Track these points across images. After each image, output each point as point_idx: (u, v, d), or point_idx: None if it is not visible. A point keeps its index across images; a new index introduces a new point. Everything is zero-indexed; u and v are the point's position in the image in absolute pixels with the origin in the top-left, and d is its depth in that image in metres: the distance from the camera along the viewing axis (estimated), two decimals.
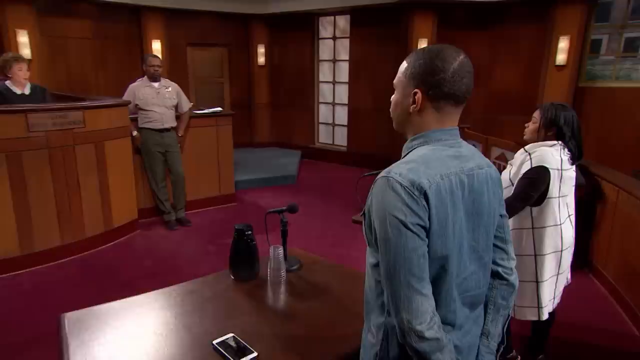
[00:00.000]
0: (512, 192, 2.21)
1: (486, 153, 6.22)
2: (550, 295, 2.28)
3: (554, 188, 2.13)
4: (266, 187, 6.52)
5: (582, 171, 3.49)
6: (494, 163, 6.09)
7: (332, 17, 7.93)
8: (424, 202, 0.97)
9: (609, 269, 3.51)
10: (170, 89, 4.62)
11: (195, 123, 5.06)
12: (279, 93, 8.76)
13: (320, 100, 8.45)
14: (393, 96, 1.16)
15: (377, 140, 7.53)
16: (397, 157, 1.10)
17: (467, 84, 1.07)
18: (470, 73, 1.08)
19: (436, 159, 1.04)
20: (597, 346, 2.88)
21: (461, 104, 1.10)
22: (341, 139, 8.26)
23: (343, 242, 4.55)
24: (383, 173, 1.03)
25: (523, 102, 6.76)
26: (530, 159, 2.16)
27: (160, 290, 1.72)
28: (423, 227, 0.97)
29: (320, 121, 8.57)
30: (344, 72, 7.96)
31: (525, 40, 6.62)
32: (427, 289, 0.98)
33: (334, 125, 8.39)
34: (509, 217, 2.18)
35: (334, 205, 5.76)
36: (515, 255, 2.20)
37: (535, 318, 2.29)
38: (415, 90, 1.06)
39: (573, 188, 2.25)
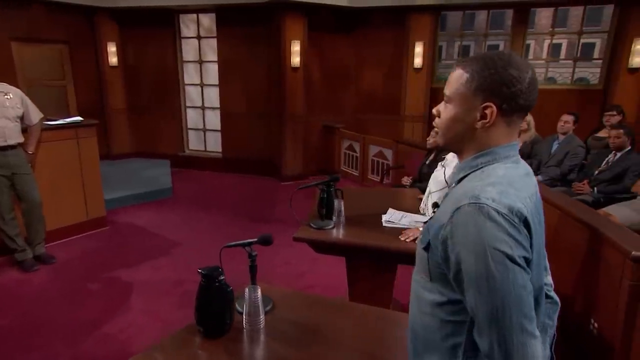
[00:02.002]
0: None
1: (364, 151, 6.56)
2: None
3: None
4: (140, 204, 5.75)
5: None
6: (373, 161, 6.47)
7: (195, 15, 7.38)
8: (525, 231, 0.87)
9: None
10: (11, 95, 3.67)
11: (49, 137, 4.13)
12: (138, 97, 7.81)
13: (188, 104, 7.82)
14: (445, 110, 1.02)
15: (254, 145, 7.31)
16: (276, 161, 0.95)
17: (537, 92, 0.99)
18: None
19: (518, 179, 0.95)
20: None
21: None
22: (214, 144, 7.78)
23: (289, 263, 4.12)
24: (467, 199, 0.89)
25: (388, 102, 7.33)
26: None
27: None
28: (526, 259, 0.87)
29: (189, 127, 7.93)
30: (212, 73, 7.50)
31: (387, 44, 7.16)
32: (537, 330, 0.87)
33: (205, 130, 7.85)
34: None
35: (240, 219, 5.34)
36: None
37: None
38: (487, 104, 0.95)
39: None
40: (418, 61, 6.84)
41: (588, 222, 2.61)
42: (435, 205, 1.12)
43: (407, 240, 2.19)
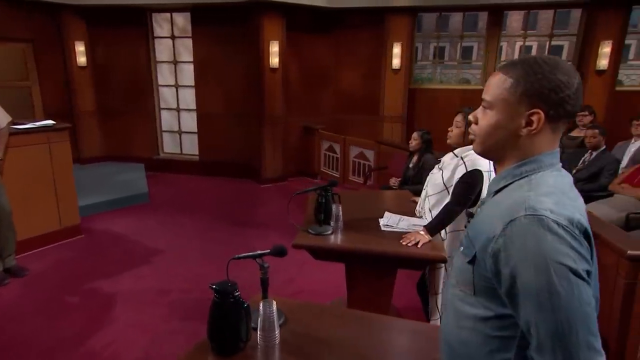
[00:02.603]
0: (451, 197, 2.29)
1: (345, 152, 6.55)
2: None
3: (485, 189, 2.29)
4: (115, 210, 5.53)
5: None
6: (354, 162, 6.46)
7: (169, 14, 7.17)
8: (586, 243, 0.84)
9: None
10: None
11: (19, 141, 3.90)
12: (109, 99, 7.52)
13: (162, 105, 7.59)
14: (486, 116, 0.99)
15: (232, 147, 7.17)
16: (254, 163, 0.90)
17: (582, 98, 0.96)
18: None
19: (569, 188, 0.92)
20: None
21: None
22: (190, 147, 7.59)
23: (277, 269, 3.85)
24: (522, 210, 0.85)
25: (366, 102, 7.35)
26: (464, 163, 2.27)
27: None
28: (588, 272, 0.84)
29: (164, 129, 7.69)
30: (187, 74, 7.30)
31: (365, 45, 7.17)
32: (601, 347, 0.84)
33: (180, 132, 7.64)
34: (451, 222, 2.26)
35: (222, 223, 5.19)
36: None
37: None
38: (535, 110, 0.91)
39: None
40: (396, 62, 6.88)
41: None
42: (470, 215, 1.08)
43: (409, 244, 2.17)
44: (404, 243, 2.19)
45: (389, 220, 2.50)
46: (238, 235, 4.82)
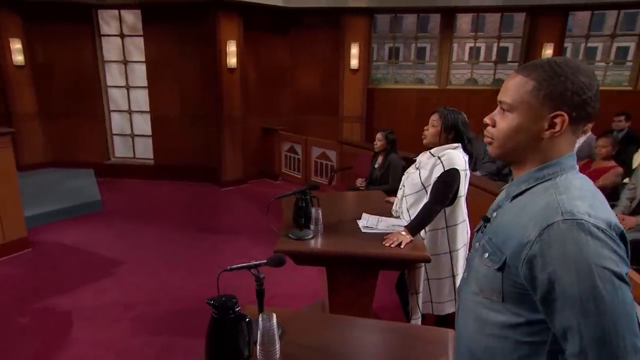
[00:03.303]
0: (430, 196, 2.32)
1: (307, 153, 6.52)
2: None
3: (462, 187, 2.34)
4: (65, 219, 5.17)
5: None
6: (316, 162, 6.45)
7: (117, 11, 6.80)
8: (623, 245, 0.84)
9: None
10: None
11: None
12: (52, 100, 7.01)
13: (112, 107, 7.18)
14: (505, 119, 0.98)
15: (189, 149, 6.93)
16: (214, 165, 0.87)
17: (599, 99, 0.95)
18: None
19: (595, 190, 0.92)
20: None
21: None
22: (144, 150, 7.25)
23: (247, 274, 3.76)
24: (558, 215, 0.84)
25: (326, 102, 7.36)
26: (442, 162, 2.30)
27: None
28: (628, 275, 0.84)
29: (114, 132, 7.29)
30: (139, 75, 6.96)
31: (323, 46, 7.18)
32: None
33: (133, 136, 7.28)
34: (431, 221, 2.30)
35: (185, 230, 4.97)
36: (432, 255, 2.35)
37: (453, 310, 2.49)
38: (558, 113, 0.91)
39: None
40: (354, 62, 6.94)
41: None
42: (487, 219, 1.06)
43: (392, 245, 2.18)
44: (386, 244, 2.20)
45: (368, 222, 2.50)
46: (204, 241, 4.66)
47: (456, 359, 1.15)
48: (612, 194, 3.79)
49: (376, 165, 4.37)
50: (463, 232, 2.44)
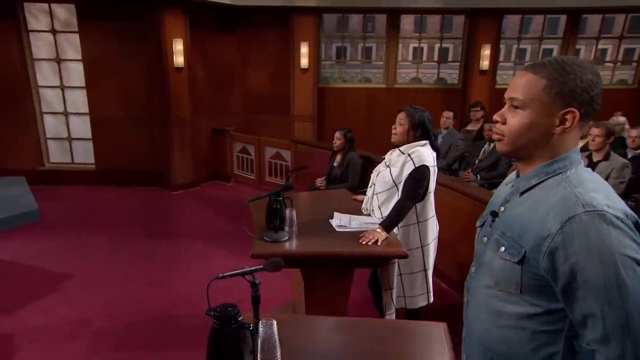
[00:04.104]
0: (402, 193, 2.37)
1: (260, 154, 6.44)
2: (431, 279, 2.60)
3: (431, 183, 2.42)
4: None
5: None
6: (270, 163, 6.38)
7: (47, 5, 6.27)
8: (638, 234, 0.89)
9: None
10: None
11: None
12: None
13: (45, 109, 6.63)
14: (516, 116, 1.00)
15: (135, 153, 6.57)
16: (162, 169, 0.87)
17: None
18: None
19: (606, 183, 0.97)
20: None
21: None
22: (84, 155, 6.76)
23: (222, 281, 3.66)
24: (579, 207, 0.88)
25: (276, 102, 7.30)
26: (412, 159, 2.36)
27: None
28: None
29: (48, 136, 6.73)
30: (75, 74, 6.48)
31: (272, 45, 7.10)
32: None
33: (70, 139, 6.77)
34: (404, 217, 2.35)
35: (137, 237, 4.69)
36: (405, 250, 2.41)
37: (425, 303, 2.57)
38: (569, 109, 0.95)
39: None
40: (304, 62, 6.93)
41: None
42: (495, 214, 1.09)
43: (369, 243, 2.20)
44: (363, 242, 2.21)
45: (341, 221, 2.50)
46: (159, 248, 4.44)
47: (466, 353, 1.17)
48: None
49: (335, 164, 4.40)
50: (433, 226, 2.52)
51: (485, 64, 7.29)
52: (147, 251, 4.36)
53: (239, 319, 1.18)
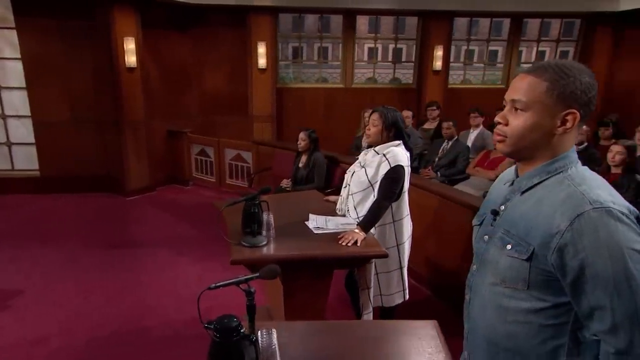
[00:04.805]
0: (379, 193, 2.40)
1: (220, 156, 6.30)
2: (406, 276, 2.65)
3: (406, 183, 2.46)
4: None
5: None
6: (231, 165, 6.26)
7: None
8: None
9: None
10: None
11: None
12: None
13: None
14: (519, 118, 1.03)
15: (84, 158, 6.20)
16: (116, 174, 0.87)
17: None
18: None
19: (605, 180, 1.02)
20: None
21: None
22: (26, 161, 6.28)
23: (176, 288, 3.59)
24: (587, 205, 0.92)
25: (234, 103, 7.16)
26: (387, 159, 2.39)
27: None
28: None
29: None
30: (13, 74, 6.01)
31: (229, 45, 6.95)
32: None
33: (10, 144, 6.27)
34: (381, 217, 2.38)
35: (93, 248, 4.41)
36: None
37: (401, 300, 2.62)
38: (570, 111, 0.99)
39: None
40: (262, 62, 6.84)
41: (468, 202, 3.07)
42: (496, 212, 1.12)
43: (348, 244, 2.20)
44: (343, 243, 2.21)
45: (317, 222, 2.49)
46: (118, 258, 4.21)
47: (468, 349, 1.20)
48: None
49: (300, 165, 4.38)
50: (407, 225, 2.57)
51: (438, 64, 7.53)
52: (104, 262, 4.12)
53: (242, 331, 1.14)
